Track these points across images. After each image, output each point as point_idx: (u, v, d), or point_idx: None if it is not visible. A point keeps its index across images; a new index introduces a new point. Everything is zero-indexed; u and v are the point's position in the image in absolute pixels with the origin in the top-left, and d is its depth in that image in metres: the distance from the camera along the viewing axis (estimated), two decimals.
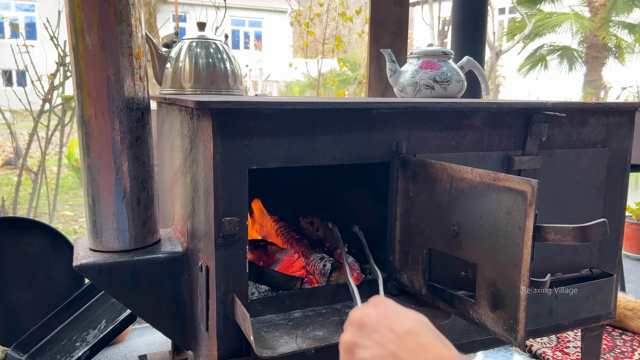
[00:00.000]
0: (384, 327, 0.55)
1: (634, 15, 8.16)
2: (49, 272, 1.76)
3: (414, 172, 1.10)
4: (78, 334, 1.61)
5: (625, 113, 1.40)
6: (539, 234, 0.87)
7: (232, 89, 1.42)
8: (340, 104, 1.06)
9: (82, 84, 1.09)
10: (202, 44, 1.40)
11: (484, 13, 2.45)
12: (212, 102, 0.94)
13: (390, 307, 0.58)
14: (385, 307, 0.58)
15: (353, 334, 0.57)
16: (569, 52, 8.69)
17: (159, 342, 1.93)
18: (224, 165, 0.97)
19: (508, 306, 0.92)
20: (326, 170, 1.58)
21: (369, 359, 0.54)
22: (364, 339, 0.56)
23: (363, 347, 0.55)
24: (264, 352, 0.91)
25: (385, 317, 0.56)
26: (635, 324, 2.02)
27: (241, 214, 1.00)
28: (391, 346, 0.53)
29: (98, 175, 1.12)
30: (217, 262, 1.00)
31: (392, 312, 0.57)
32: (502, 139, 1.25)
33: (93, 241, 1.17)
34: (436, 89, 1.51)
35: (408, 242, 1.14)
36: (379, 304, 0.59)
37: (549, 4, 8.39)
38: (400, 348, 0.52)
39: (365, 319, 0.57)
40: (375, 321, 0.56)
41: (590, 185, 1.38)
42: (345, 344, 0.57)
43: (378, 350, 0.54)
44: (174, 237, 1.27)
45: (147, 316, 1.20)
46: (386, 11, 2.10)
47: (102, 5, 1.06)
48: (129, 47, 1.10)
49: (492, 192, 0.94)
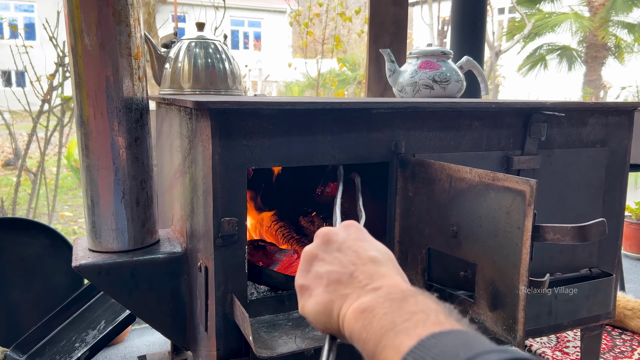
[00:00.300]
0: (348, 248, 0.55)
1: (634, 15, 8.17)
2: (48, 273, 1.76)
3: (413, 172, 1.10)
4: (77, 334, 1.61)
5: (624, 113, 1.40)
6: (538, 233, 0.87)
7: (231, 89, 1.42)
8: (339, 104, 1.06)
9: (80, 84, 1.09)
10: (201, 44, 1.40)
11: (483, 13, 2.45)
12: (210, 102, 0.94)
13: (361, 232, 0.58)
14: (355, 231, 0.58)
15: (316, 247, 0.57)
16: (569, 51, 8.69)
17: (158, 343, 1.93)
18: (223, 165, 0.97)
19: (507, 306, 0.92)
20: (325, 170, 1.58)
21: (324, 273, 0.54)
22: (325, 253, 0.56)
23: (322, 261, 0.55)
24: (263, 352, 0.91)
25: (353, 239, 0.56)
26: (635, 323, 2.02)
27: (240, 214, 1.00)
28: (350, 267, 0.53)
29: (97, 175, 1.12)
30: (216, 262, 1.00)
31: (360, 237, 0.57)
32: (501, 138, 1.25)
33: (92, 242, 1.16)
34: (435, 88, 1.51)
35: (407, 242, 1.14)
36: (349, 226, 0.59)
37: (548, 4, 8.39)
38: (360, 270, 0.52)
39: (332, 236, 0.57)
40: (341, 240, 0.56)
41: (589, 185, 1.38)
42: (306, 253, 0.57)
43: (336, 267, 0.54)
44: (173, 238, 1.27)
45: (147, 317, 1.20)
46: (385, 11, 2.10)
47: (101, 5, 1.06)
48: (128, 48, 1.10)
49: (491, 192, 0.94)
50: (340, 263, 0.54)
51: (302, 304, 0.55)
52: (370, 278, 0.51)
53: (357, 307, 0.48)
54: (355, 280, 0.52)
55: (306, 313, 0.55)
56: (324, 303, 0.52)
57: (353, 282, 0.52)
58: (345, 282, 0.52)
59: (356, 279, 0.52)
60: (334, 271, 0.53)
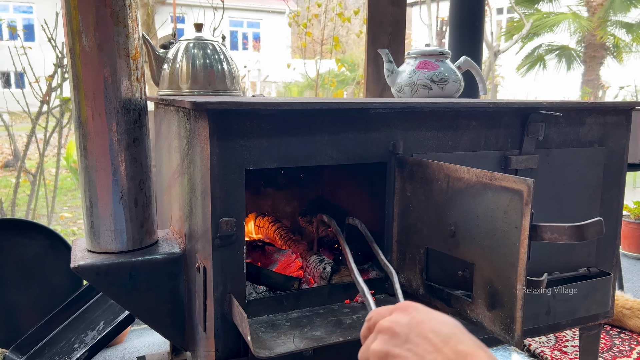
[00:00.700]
0: (417, 336, 0.51)
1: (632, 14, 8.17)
2: (47, 274, 1.76)
3: (411, 172, 1.10)
4: (76, 335, 1.61)
5: (622, 112, 1.40)
6: (535, 233, 0.87)
7: (229, 89, 1.42)
8: (337, 104, 1.06)
9: (79, 85, 1.09)
10: (199, 45, 1.41)
11: (482, 13, 2.45)
12: (208, 102, 0.95)
13: (422, 312, 0.54)
14: (416, 313, 0.54)
15: (385, 343, 0.52)
16: (567, 51, 8.70)
17: (157, 343, 1.93)
18: (221, 165, 0.97)
19: (505, 305, 0.92)
20: (324, 171, 1.58)
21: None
22: (397, 348, 0.51)
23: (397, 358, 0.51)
24: (261, 353, 0.91)
25: (417, 323, 0.52)
26: (634, 322, 2.03)
27: (238, 215, 1.00)
28: (428, 357, 0.49)
29: (95, 176, 1.12)
30: (214, 262, 1.00)
31: (424, 318, 0.53)
32: (499, 138, 1.26)
33: (91, 242, 1.17)
34: (433, 89, 1.51)
35: (405, 242, 1.14)
36: (407, 309, 0.54)
37: (546, 4, 8.39)
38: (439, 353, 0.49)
39: (395, 327, 0.53)
40: (407, 329, 0.52)
41: (587, 185, 1.38)
42: (376, 354, 0.53)
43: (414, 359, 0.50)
44: (172, 238, 1.27)
45: (145, 317, 1.20)
46: (383, 11, 2.10)
47: (99, 6, 1.06)
48: (126, 49, 1.10)
49: (488, 192, 0.94)
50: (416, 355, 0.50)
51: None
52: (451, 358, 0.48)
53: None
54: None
55: None
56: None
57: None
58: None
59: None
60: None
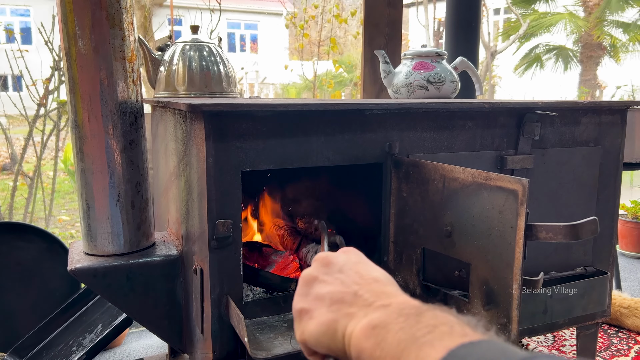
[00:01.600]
0: (350, 269, 0.53)
1: (628, 14, 8.20)
2: (45, 277, 1.76)
3: (407, 173, 1.11)
4: (74, 338, 1.61)
5: (617, 112, 1.41)
6: (531, 232, 0.87)
7: (226, 91, 1.42)
8: (332, 106, 1.06)
9: (75, 88, 1.09)
10: (196, 47, 1.41)
11: (478, 13, 2.46)
12: (204, 104, 0.95)
13: (360, 256, 0.56)
14: (355, 255, 0.56)
15: (316, 269, 0.54)
16: (564, 51, 8.72)
17: (155, 346, 1.93)
18: (217, 167, 0.98)
19: (501, 305, 0.93)
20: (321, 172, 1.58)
21: (326, 293, 0.51)
22: (326, 275, 0.53)
23: (324, 282, 0.52)
24: (258, 354, 0.91)
25: (354, 262, 0.54)
26: (631, 321, 2.03)
27: (235, 216, 1.00)
28: (354, 286, 0.50)
29: (92, 179, 1.12)
30: (211, 264, 1.00)
31: (361, 260, 0.55)
32: (495, 138, 1.26)
33: (88, 245, 1.17)
34: (430, 89, 1.52)
35: (402, 243, 1.14)
36: (348, 251, 0.57)
37: (543, 4, 8.41)
38: (364, 289, 0.49)
39: (332, 258, 0.55)
40: (342, 263, 0.54)
41: (583, 184, 1.38)
42: (305, 277, 0.54)
43: (339, 287, 0.51)
44: (169, 240, 1.27)
45: (143, 319, 1.20)
46: (380, 13, 2.11)
47: (95, 9, 1.06)
48: (122, 51, 1.10)
49: (484, 192, 0.94)
50: (343, 283, 0.51)
51: (302, 328, 0.51)
52: (377, 296, 0.48)
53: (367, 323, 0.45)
54: (361, 298, 0.48)
55: (306, 337, 0.50)
56: (327, 323, 0.49)
57: (358, 300, 0.48)
58: (350, 301, 0.49)
59: (361, 297, 0.49)
60: (337, 291, 0.50)
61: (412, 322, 0.42)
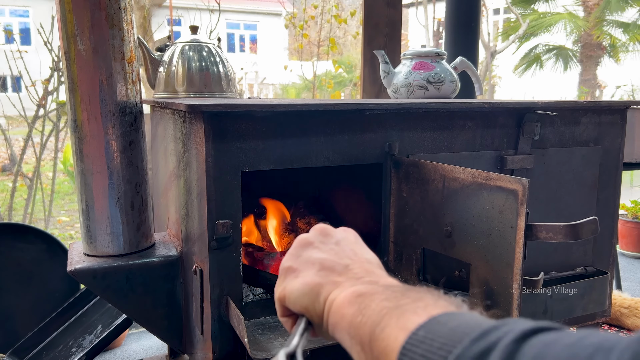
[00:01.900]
0: (346, 245, 0.54)
1: (628, 14, 8.20)
2: (44, 278, 1.76)
3: (407, 173, 1.11)
4: (74, 339, 1.61)
5: (617, 111, 1.41)
6: (531, 232, 0.87)
7: (225, 92, 1.42)
8: (332, 106, 1.06)
9: (74, 88, 1.09)
10: (195, 48, 1.41)
11: (477, 13, 2.46)
12: (203, 105, 0.95)
13: (358, 238, 0.57)
14: (353, 235, 0.57)
15: (313, 236, 0.55)
16: (564, 51, 8.72)
17: (155, 347, 1.92)
18: (217, 168, 0.97)
19: (501, 305, 0.92)
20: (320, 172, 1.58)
21: (317, 259, 0.51)
22: (322, 243, 0.54)
23: (317, 249, 0.53)
24: (258, 355, 0.91)
25: (351, 241, 0.55)
26: (632, 321, 2.03)
27: (235, 217, 1.00)
28: (346, 260, 0.51)
29: (91, 179, 1.12)
30: (211, 265, 1.00)
31: (358, 241, 0.56)
32: (495, 138, 1.26)
33: (87, 246, 1.16)
34: (430, 89, 1.52)
35: (402, 243, 1.14)
36: (348, 230, 0.57)
37: (543, 4, 8.41)
38: (356, 265, 0.51)
39: (331, 231, 0.56)
40: (340, 238, 0.55)
41: (583, 184, 1.38)
42: (300, 240, 0.55)
43: (332, 256, 0.52)
44: (169, 241, 1.27)
45: (143, 320, 1.20)
46: (379, 13, 2.11)
47: (94, 10, 1.06)
48: (121, 52, 1.10)
49: (484, 192, 0.94)
50: (337, 255, 0.52)
51: (284, 285, 0.52)
52: (367, 273, 0.50)
53: (353, 291, 0.46)
54: (351, 272, 0.50)
55: (287, 293, 0.51)
56: (311, 285, 0.49)
57: (348, 272, 0.50)
58: (340, 271, 0.50)
59: (351, 270, 0.50)
60: (329, 259, 0.51)
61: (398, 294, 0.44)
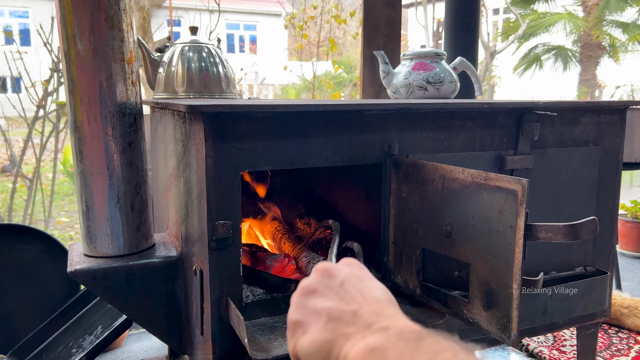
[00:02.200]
0: (351, 285, 0.51)
1: (627, 14, 8.20)
2: (44, 279, 1.76)
3: (407, 173, 1.11)
4: (74, 340, 1.61)
5: (617, 111, 1.41)
6: (530, 232, 0.87)
7: (225, 92, 1.42)
8: (331, 106, 1.06)
9: (74, 89, 1.09)
10: (195, 48, 1.41)
11: (477, 14, 2.46)
12: (203, 105, 0.95)
13: (363, 271, 0.54)
14: (358, 269, 0.54)
15: (316, 281, 0.52)
16: (563, 51, 8.72)
17: (155, 347, 1.93)
18: (217, 168, 0.98)
19: (501, 305, 0.93)
20: (320, 172, 1.58)
21: (324, 309, 0.48)
22: (326, 289, 0.51)
23: (322, 296, 0.50)
24: (258, 355, 0.91)
25: (356, 278, 0.52)
26: (632, 321, 2.03)
27: (234, 217, 1.00)
28: (354, 304, 0.48)
29: (91, 180, 1.12)
30: (211, 265, 1.00)
31: (364, 276, 0.53)
32: (494, 138, 1.26)
33: (87, 247, 1.16)
34: (429, 90, 1.52)
35: (402, 243, 1.14)
36: (352, 264, 0.54)
37: (542, 4, 8.42)
38: (364, 309, 0.48)
39: (334, 271, 0.52)
40: (344, 277, 0.52)
41: (582, 184, 1.38)
42: (303, 287, 0.52)
43: (338, 304, 0.49)
44: (169, 242, 1.27)
45: (143, 321, 1.20)
46: (379, 13, 2.11)
47: (94, 11, 1.06)
48: (121, 52, 1.10)
49: (483, 192, 0.94)
50: (343, 300, 0.49)
51: (295, 342, 0.49)
52: (377, 317, 0.46)
53: (365, 346, 0.43)
54: (360, 319, 0.47)
55: (298, 352, 0.48)
56: (320, 342, 0.46)
57: (357, 320, 0.47)
58: (348, 321, 0.47)
59: (360, 317, 0.47)
60: (335, 308, 0.48)
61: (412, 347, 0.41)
